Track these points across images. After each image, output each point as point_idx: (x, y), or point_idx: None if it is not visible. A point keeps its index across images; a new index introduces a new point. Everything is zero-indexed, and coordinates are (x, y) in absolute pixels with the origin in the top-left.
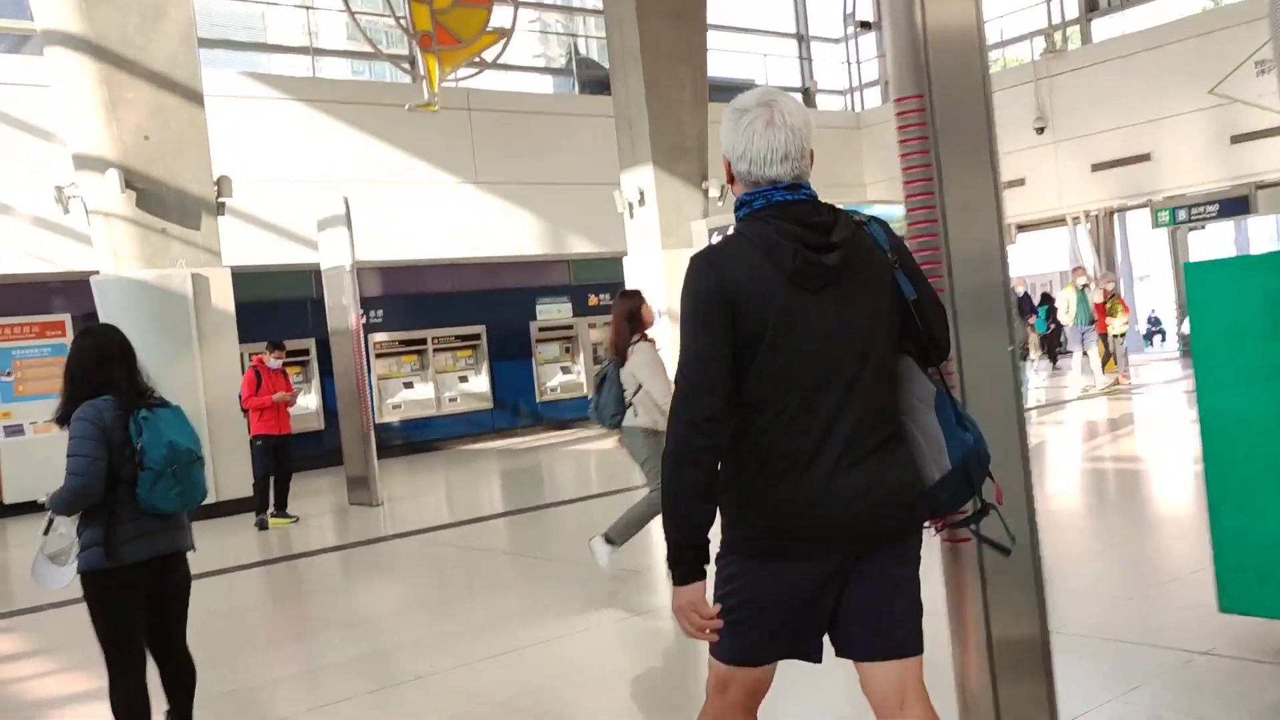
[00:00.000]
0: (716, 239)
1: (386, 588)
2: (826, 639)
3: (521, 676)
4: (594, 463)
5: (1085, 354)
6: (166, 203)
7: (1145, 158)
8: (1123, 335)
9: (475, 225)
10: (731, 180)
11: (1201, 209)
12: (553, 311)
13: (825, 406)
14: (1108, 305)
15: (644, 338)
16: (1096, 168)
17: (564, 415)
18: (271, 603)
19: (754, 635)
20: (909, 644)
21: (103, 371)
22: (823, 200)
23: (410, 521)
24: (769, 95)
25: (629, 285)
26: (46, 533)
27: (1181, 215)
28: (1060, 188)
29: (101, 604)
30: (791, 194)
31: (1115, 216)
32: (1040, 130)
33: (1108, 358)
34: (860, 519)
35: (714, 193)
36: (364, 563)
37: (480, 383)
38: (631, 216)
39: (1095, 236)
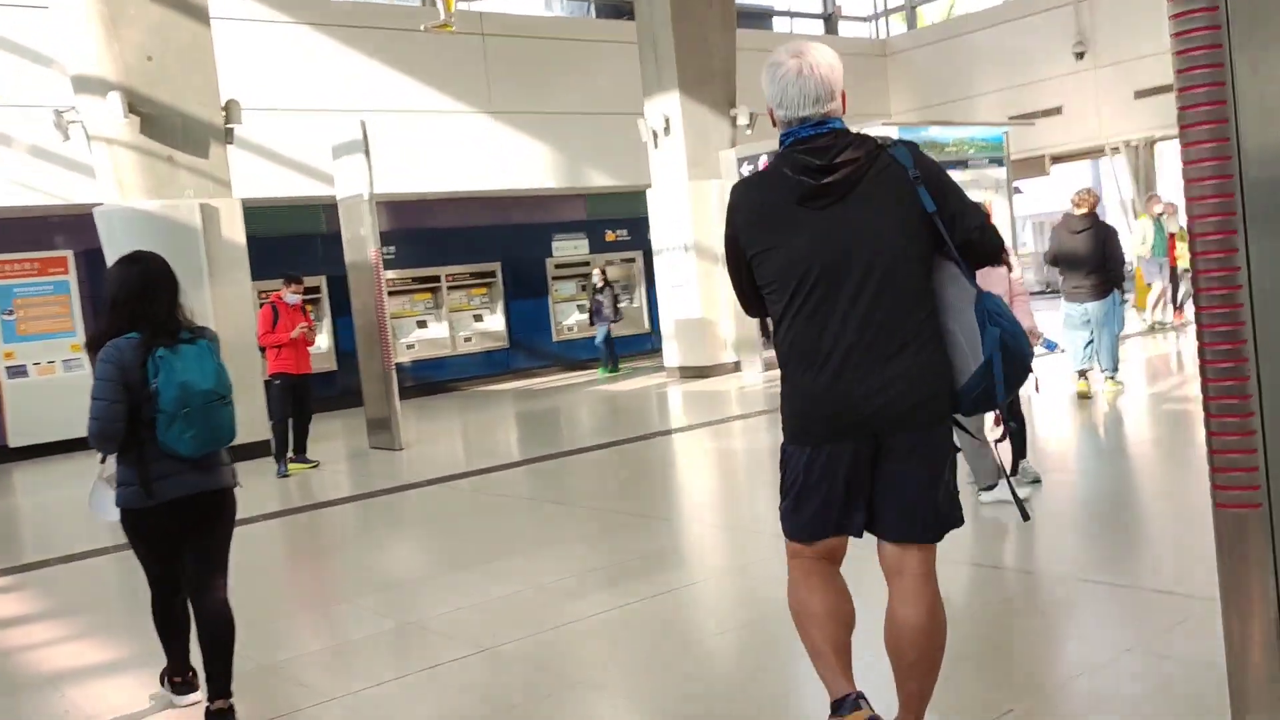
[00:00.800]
0: (747, 170)
1: (420, 543)
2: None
3: (589, 647)
4: (615, 405)
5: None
6: (172, 129)
7: None
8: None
9: (489, 157)
10: (775, 124)
11: None
12: (569, 248)
13: (835, 311)
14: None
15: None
16: (1139, 94)
17: (580, 355)
18: (297, 560)
19: (804, 510)
20: (909, 533)
21: (145, 301)
22: (852, 130)
23: (436, 467)
24: (799, 48)
25: (653, 219)
26: (103, 461)
27: None
28: (1100, 116)
29: (138, 541)
30: (816, 129)
31: (1155, 148)
32: (1080, 55)
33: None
34: (868, 413)
35: (743, 120)
36: (392, 512)
37: (495, 321)
38: (656, 147)
39: (1134, 168)
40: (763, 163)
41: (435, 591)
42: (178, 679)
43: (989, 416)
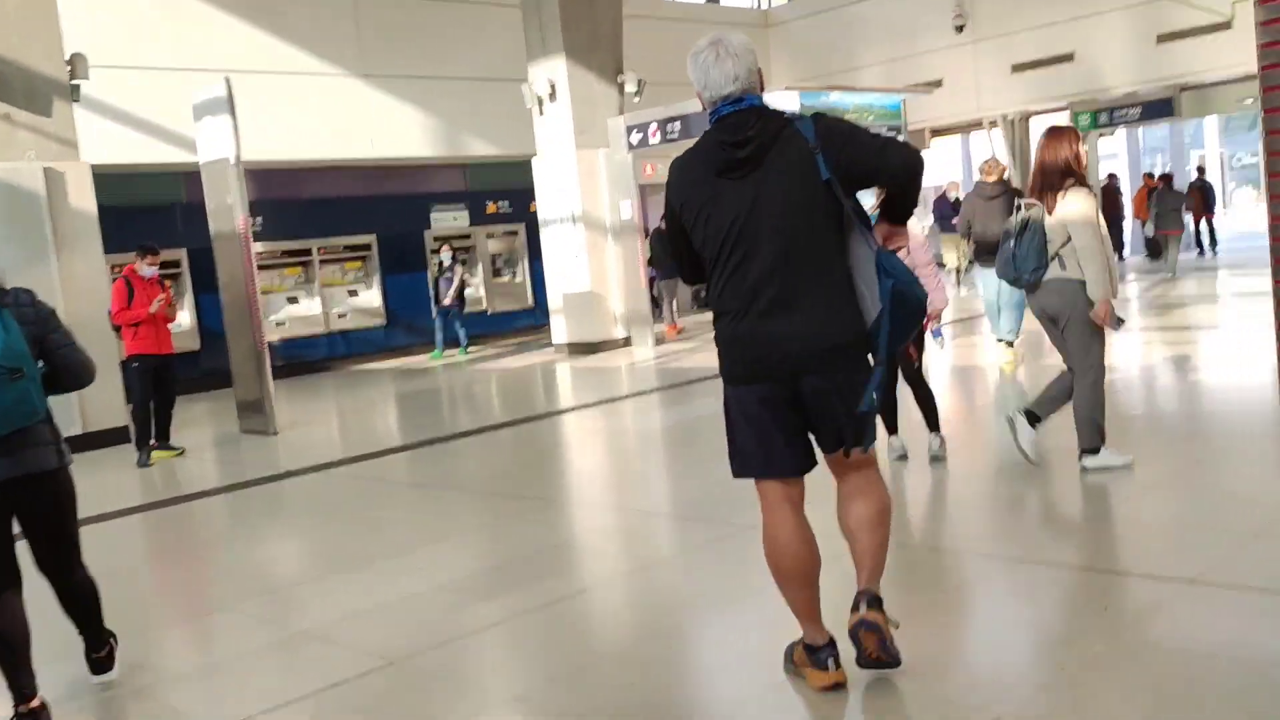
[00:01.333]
0: (635, 137)
1: (304, 538)
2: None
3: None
4: (502, 384)
5: None
6: (10, 84)
7: (1068, 58)
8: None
9: (362, 123)
10: (704, 107)
11: (1124, 112)
12: (448, 220)
13: (755, 267)
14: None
15: (1081, 182)
16: (1017, 68)
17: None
18: (164, 560)
19: (747, 447)
20: (843, 445)
21: None
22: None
23: (315, 452)
24: (716, 36)
25: (539, 189)
26: None
27: (1103, 119)
28: (979, 90)
29: None
30: (733, 106)
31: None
32: (959, 29)
33: None
34: (790, 353)
35: (630, 87)
36: (270, 503)
37: (372, 297)
38: (541, 114)
39: (1011, 142)
40: (652, 130)
41: (325, 595)
42: (23, 709)
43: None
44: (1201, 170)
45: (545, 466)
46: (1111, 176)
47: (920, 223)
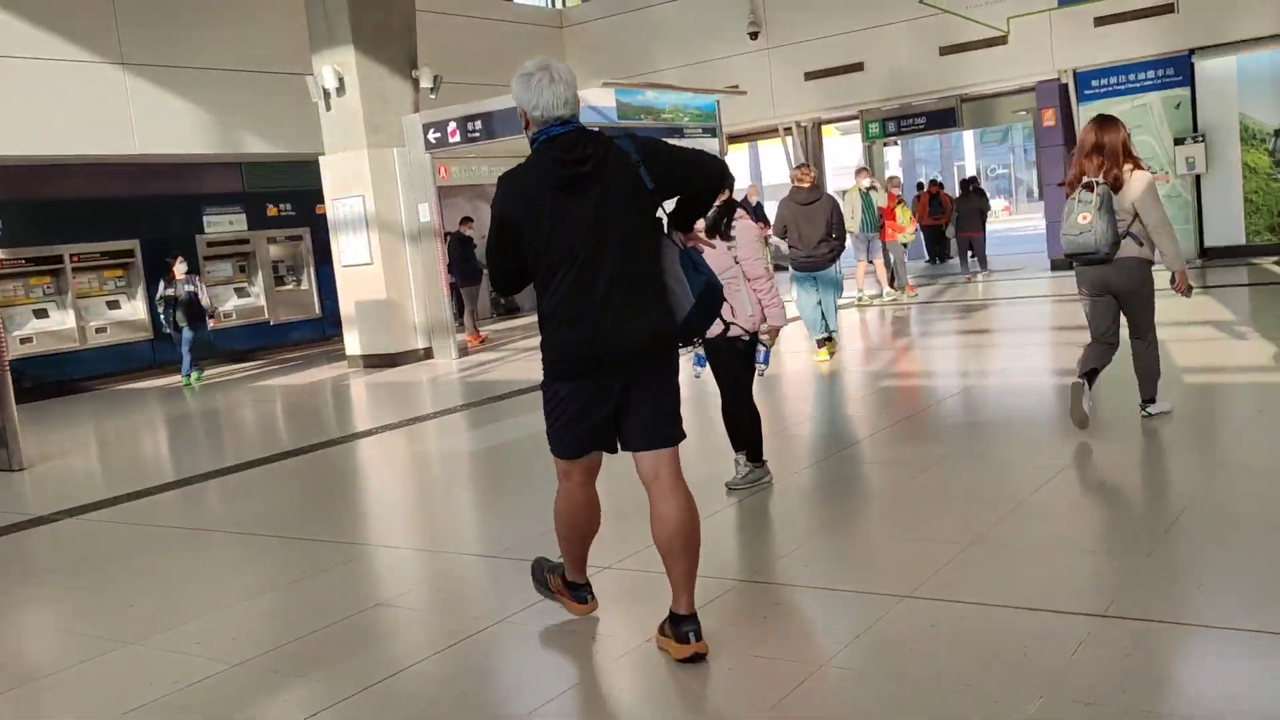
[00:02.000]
0: (434, 137)
1: (61, 604)
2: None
3: None
4: (289, 404)
5: (870, 262)
6: None
7: (858, 67)
8: (907, 244)
9: (122, 117)
10: (527, 125)
11: (910, 121)
12: (224, 223)
13: (591, 274)
14: (898, 212)
15: (1138, 166)
16: (810, 76)
17: (243, 345)
18: None
19: (566, 435)
20: (659, 440)
21: None
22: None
23: (72, 492)
24: (545, 61)
25: (327, 190)
26: None
27: (890, 127)
28: (774, 96)
29: None
30: (564, 127)
31: (822, 129)
32: (754, 35)
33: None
34: (622, 354)
35: (426, 82)
36: (16, 558)
37: (135, 309)
38: (328, 108)
39: (806, 148)
40: (451, 129)
41: (94, 684)
42: None
43: None
44: (975, 180)
45: (344, 502)
46: (935, 182)
47: (755, 233)
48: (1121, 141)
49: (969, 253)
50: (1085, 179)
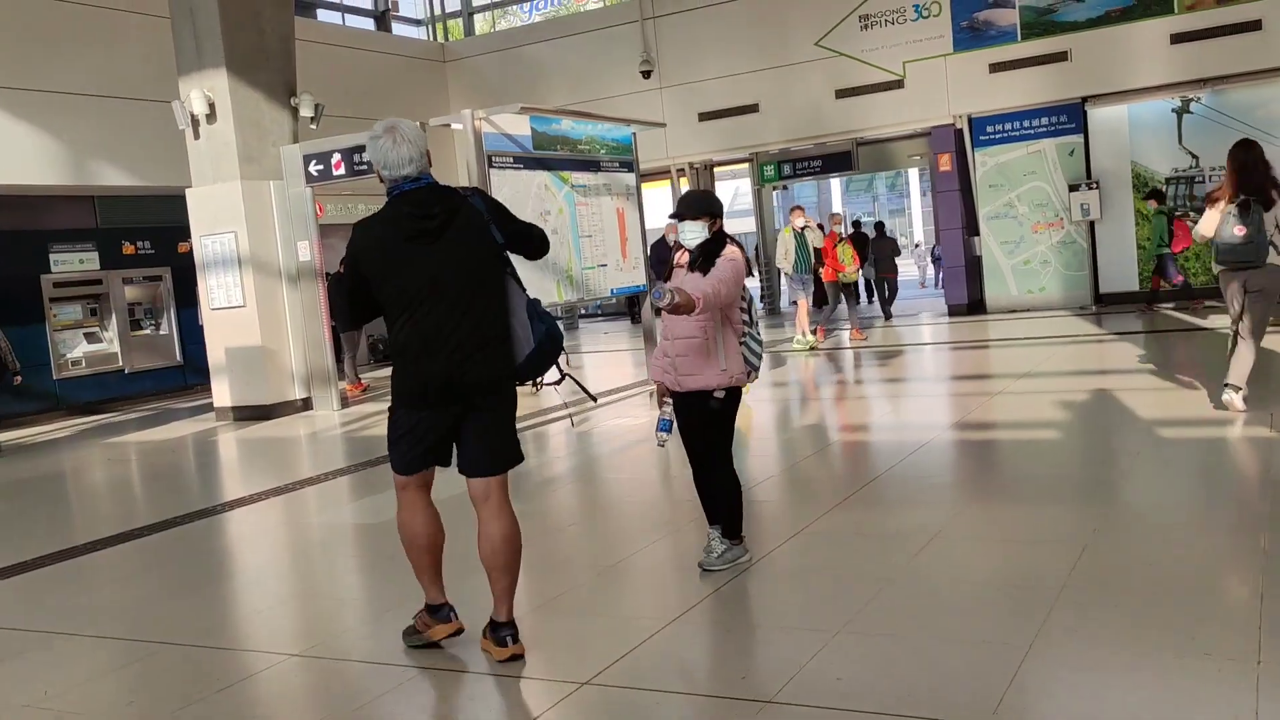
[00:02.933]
0: (315, 169)
1: None
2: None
3: None
4: (147, 467)
5: (794, 303)
6: None
7: (753, 109)
8: (854, 284)
9: None
10: (381, 180)
11: (806, 164)
12: (73, 262)
13: (440, 317)
14: (839, 251)
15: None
16: (704, 117)
17: (93, 395)
18: None
19: (408, 455)
20: (490, 468)
21: None
22: (442, 183)
23: None
24: (393, 122)
25: (195, 225)
26: None
27: (786, 170)
28: (666, 137)
29: None
30: (413, 184)
31: (714, 170)
32: (646, 74)
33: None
34: (463, 388)
35: (306, 111)
36: None
37: None
38: (197, 137)
39: (697, 188)
40: (336, 161)
41: None
42: None
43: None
44: (881, 225)
45: (213, 594)
46: (879, 224)
47: (740, 270)
48: (1266, 163)
49: (882, 293)
50: (1241, 197)
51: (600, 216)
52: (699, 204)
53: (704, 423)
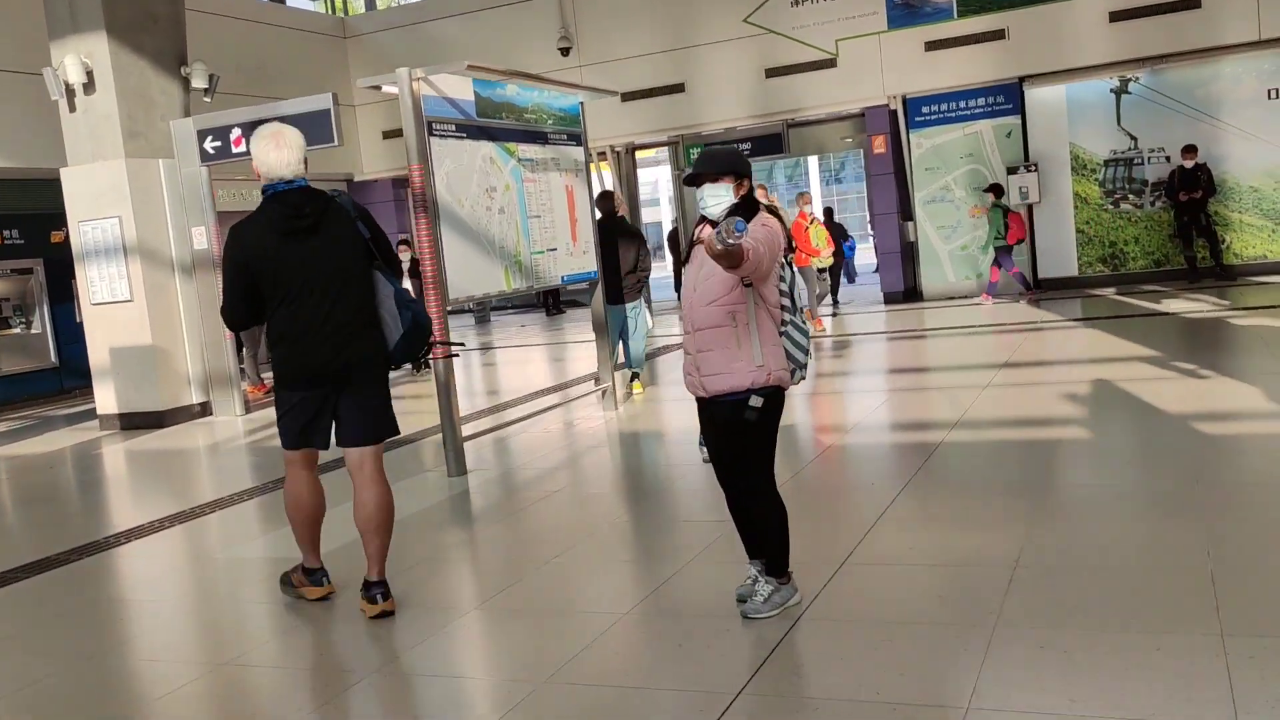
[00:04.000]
0: (211, 145)
1: None
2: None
3: None
4: (16, 488)
5: None
6: None
7: (679, 89)
8: (827, 270)
9: None
10: (259, 177)
11: (734, 147)
12: None
13: (314, 306)
14: (811, 233)
15: None
16: (627, 97)
17: None
18: None
19: (293, 430)
20: (363, 439)
21: None
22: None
23: None
24: (279, 128)
25: (71, 210)
26: None
27: None
28: (586, 118)
29: None
30: (288, 185)
31: (636, 154)
32: (565, 51)
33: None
34: (337, 370)
35: (200, 83)
36: None
37: None
38: (73, 109)
39: (618, 172)
40: (235, 138)
41: None
42: None
43: None
44: (830, 212)
45: (105, 666)
46: (828, 210)
47: (778, 242)
48: None
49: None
50: None
51: (549, 194)
52: (722, 161)
53: (735, 435)
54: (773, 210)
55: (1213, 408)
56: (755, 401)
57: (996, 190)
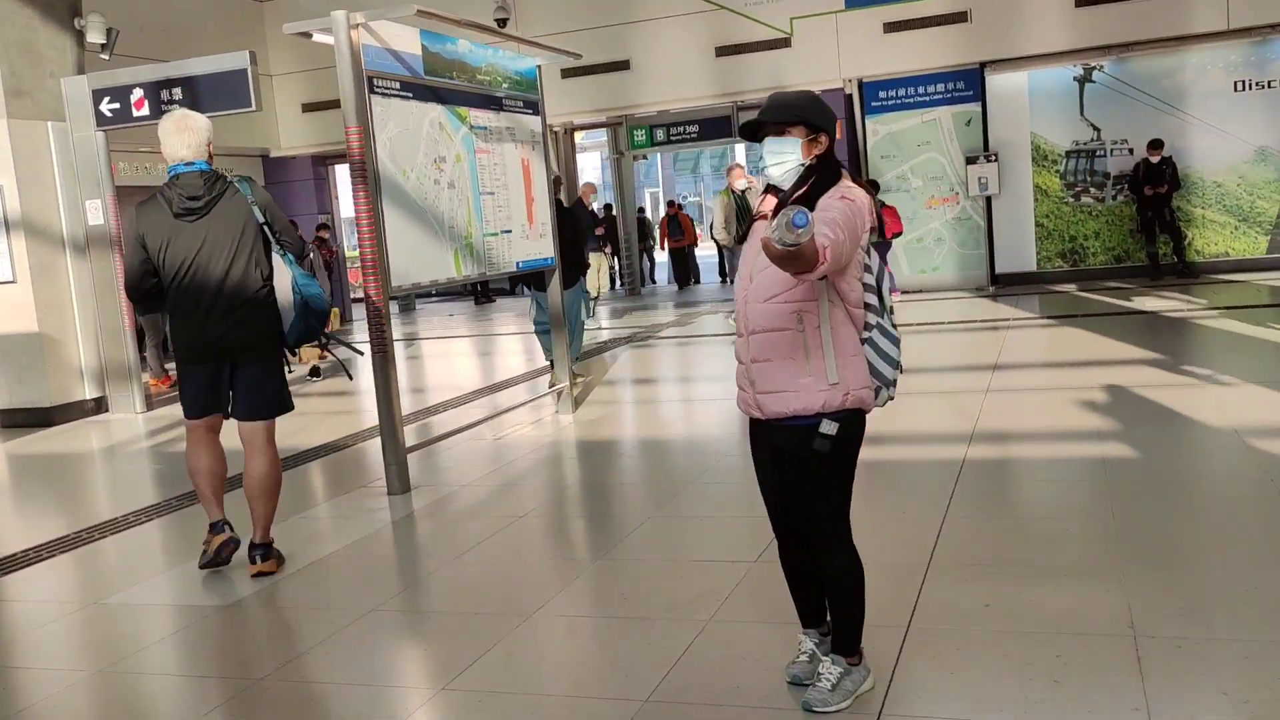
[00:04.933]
0: (107, 106)
1: None
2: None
3: None
4: None
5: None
6: None
7: (623, 65)
8: None
9: None
10: (164, 158)
11: (681, 130)
12: None
13: (203, 285)
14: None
15: None
16: (567, 74)
17: None
18: None
19: (194, 401)
20: (252, 414)
21: None
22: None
23: None
24: (186, 113)
25: None
26: None
27: (659, 135)
28: None
29: None
30: (187, 167)
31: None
32: (502, 23)
33: None
34: (225, 346)
35: (96, 37)
36: None
37: None
38: None
39: (558, 153)
40: (137, 99)
41: None
42: None
43: None
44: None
45: None
46: (672, 203)
47: (858, 223)
48: None
49: None
50: None
51: (504, 169)
52: (790, 106)
53: (801, 469)
54: (748, 192)
55: (1260, 421)
56: (828, 428)
57: (874, 186)
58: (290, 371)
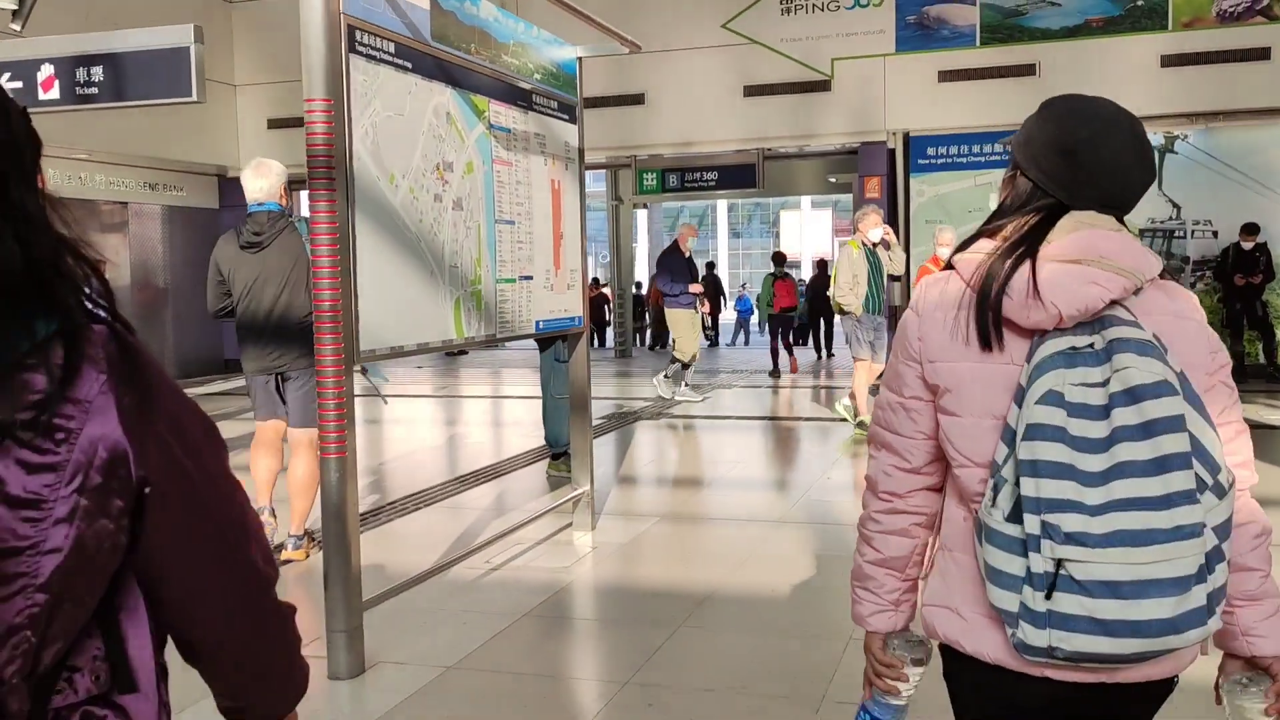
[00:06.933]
0: (11, 86)
1: None
2: None
3: None
4: None
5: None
6: None
7: (638, 100)
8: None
9: None
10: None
11: (698, 176)
12: None
13: (261, 307)
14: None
15: None
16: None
17: None
18: None
19: (256, 406)
20: (300, 422)
21: None
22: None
23: None
24: (259, 159)
25: None
26: None
27: (672, 181)
28: None
29: None
30: (259, 206)
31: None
32: None
33: None
34: (276, 361)
35: (7, 3)
36: None
37: None
38: None
39: None
40: (45, 79)
41: None
42: None
43: None
44: (711, 265)
45: None
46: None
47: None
48: None
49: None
50: None
51: (529, 189)
52: None
53: None
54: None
55: None
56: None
57: (776, 258)
58: None
